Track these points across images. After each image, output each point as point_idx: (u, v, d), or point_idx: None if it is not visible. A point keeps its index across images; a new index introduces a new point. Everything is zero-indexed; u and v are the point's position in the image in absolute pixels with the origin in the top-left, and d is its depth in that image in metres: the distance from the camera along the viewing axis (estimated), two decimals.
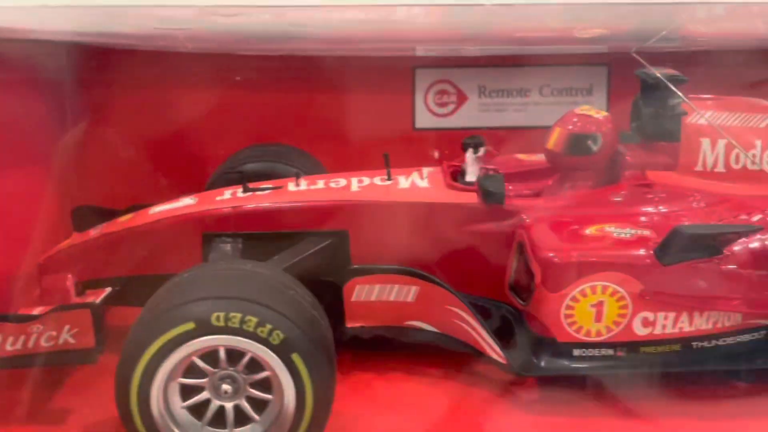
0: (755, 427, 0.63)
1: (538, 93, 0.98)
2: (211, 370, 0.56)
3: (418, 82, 0.97)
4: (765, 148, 0.70)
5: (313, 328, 0.56)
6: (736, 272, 0.63)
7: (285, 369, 0.55)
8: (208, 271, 0.58)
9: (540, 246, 0.63)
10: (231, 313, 0.54)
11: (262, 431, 0.57)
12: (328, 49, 0.91)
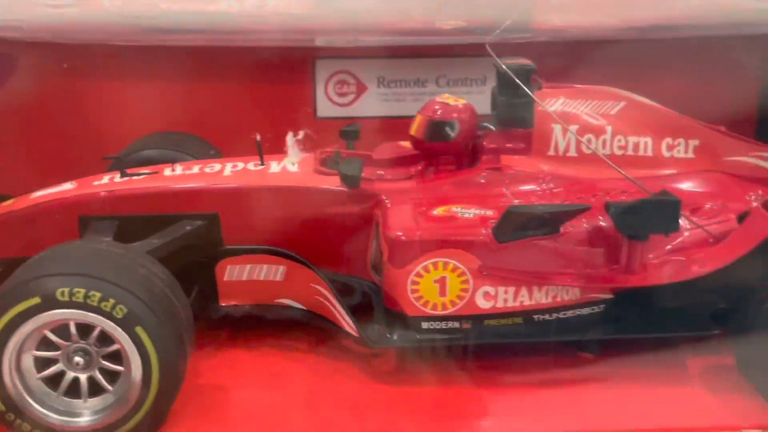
0: (595, 393, 0.68)
1: (435, 83, 1.02)
2: (63, 343, 0.60)
3: (318, 73, 1.00)
4: (615, 133, 0.74)
5: (161, 304, 0.60)
6: (572, 249, 0.67)
7: (130, 341, 0.59)
8: (61, 250, 0.61)
9: (388, 225, 0.67)
10: (75, 288, 0.57)
11: (114, 401, 0.61)
12: (228, 40, 0.95)
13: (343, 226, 0.72)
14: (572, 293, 0.68)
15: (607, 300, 0.68)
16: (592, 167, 0.73)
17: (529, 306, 0.68)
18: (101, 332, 0.59)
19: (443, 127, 0.73)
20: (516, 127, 0.73)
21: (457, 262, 0.66)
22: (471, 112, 0.74)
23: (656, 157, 0.74)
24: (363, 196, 0.71)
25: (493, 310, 0.67)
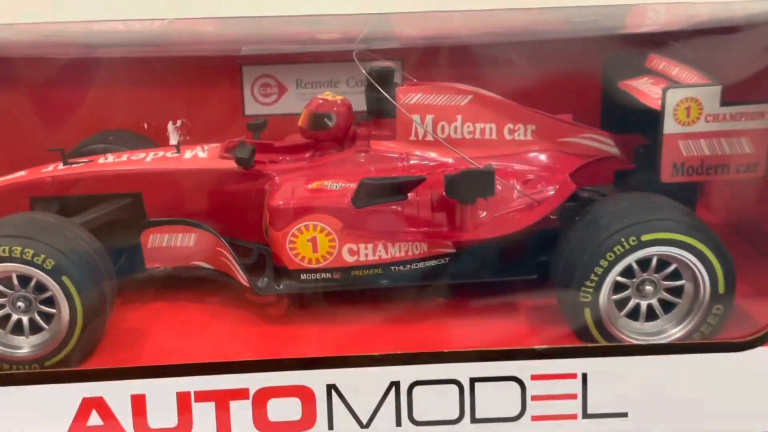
0: (446, 328, 0.84)
1: (346, 84, 1.19)
2: (9, 291, 0.76)
3: (245, 77, 1.17)
4: (466, 120, 0.91)
5: (84, 259, 0.77)
6: (418, 212, 0.83)
7: (59, 288, 0.76)
8: (3, 219, 0.78)
9: (271, 196, 0.84)
10: (14, 246, 0.74)
11: (49, 337, 0.77)
12: (170, 50, 1.11)
13: (241, 200, 0.89)
14: (421, 248, 0.84)
15: (451, 253, 0.85)
16: (445, 148, 0.89)
17: (387, 259, 0.84)
18: (37, 282, 0.76)
19: (322, 118, 0.90)
20: (382, 118, 0.90)
21: (324, 224, 0.83)
22: (347, 106, 0.91)
23: (499, 139, 0.90)
24: (256, 175, 0.88)
25: (356, 263, 0.84)
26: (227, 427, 0.74)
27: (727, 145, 0.86)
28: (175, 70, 1.11)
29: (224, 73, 1.14)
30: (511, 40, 0.99)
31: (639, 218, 0.78)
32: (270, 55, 1.17)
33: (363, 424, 0.75)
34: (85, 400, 0.73)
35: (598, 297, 0.79)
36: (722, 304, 0.79)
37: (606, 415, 0.76)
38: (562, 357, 0.76)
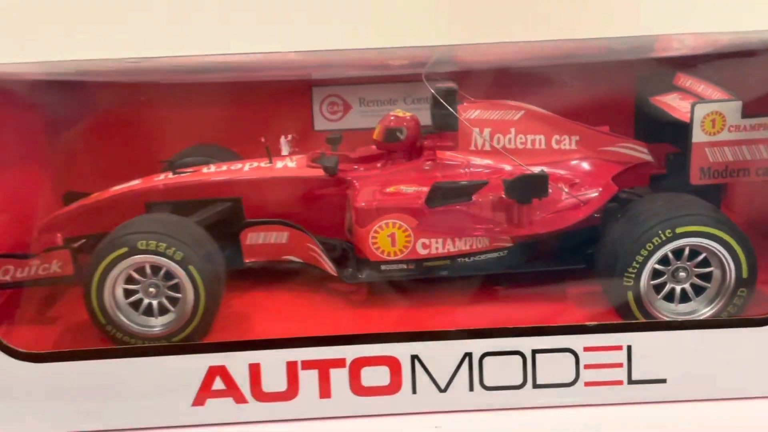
0: (508, 309, 0.98)
1: (403, 102, 1.33)
2: (142, 279, 0.91)
3: (315, 97, 1.31)
4: (519, 132, 1.04)
5: (204, 252, 0.92)
6: (479, 211, 0.97)
7: (186, 276, 0.90)
8: (136, 219, 0.93)
9: (355, 199, 0.98)
10: (150, 241, 0.88)
11: (176, 317, 0.92)
12: (251, 76, 1.26)
13: (326, 203, 1.03)
14: (483, 242, 0.98)
15: (509, 247, 0.99)
16: (501, 156, 1.03)
17: (454, 252, 0.98)
18: (166, 271, 0.90)
19: (395, 132, 1.04)
20: (446, 131, 1.04)
21: (402, 222, 0.96)
22: (415, 121, 1.05)
23: (548, 148, 1.04)
24: (339, 181, 1.02)
25: (428, 255, 0.98)
26: (328, 391, 0.88)
27: (748, 152, 0.99)
28: (255, 92, 1.25)
29: (297, 93, 1.29)
30: (555, 63, 1.12)
31: (673, 214, 0.92)
32: (336, 78, 1.32)
33: (441, 389, 0.88)
34: (210, 368, 0.87)
35: (639, 282, 0.92)
36: (746, 287, 0.92)
37: (647, 382, 0.89)
38: (609, 332, 0.89)
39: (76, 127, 1.20)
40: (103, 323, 0.91)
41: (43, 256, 0.97)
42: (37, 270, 0.97)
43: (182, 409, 0.87)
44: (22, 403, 0.86)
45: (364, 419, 0.88)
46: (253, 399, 0.87)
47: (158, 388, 0.87)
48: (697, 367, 0.88)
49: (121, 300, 0.91)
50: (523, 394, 0.88)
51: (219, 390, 0.87)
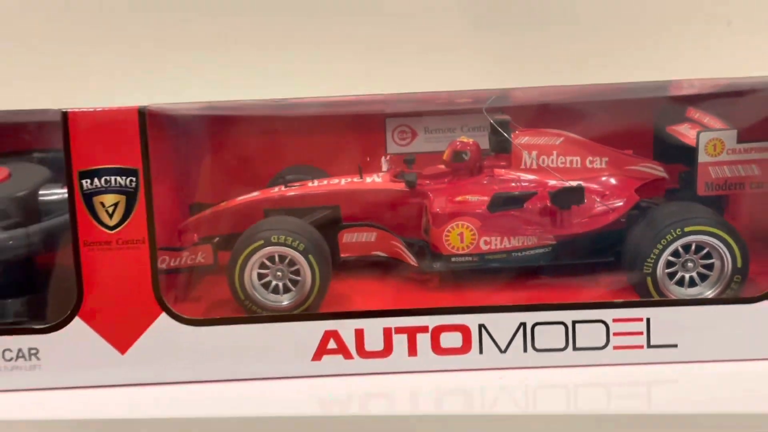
0: (552, 291, 1.23)
1: (460, 130, 1.59)
2: (272, 265, 1.18)
3: (387, 126, 1.58)
4: (560, 154, 1.30)
5: (318, 245, 1.19)
6: (528, 216, 1.23)
7: (306, 263, 1.17)
8: (266, 221, 1.20)
9: (431, 206, 1.25)
10: (280, 235, 1.16)
11: (297, 295, 1.18)
12: (341, 111, 1.53)
13: (406, 210, 1.30)
14: (532, 240, 1.24)
15: (552, 244, 1.24)
16: (545, 173, 1.29)
17: (509, 248, 1.24)
18: (290, 259, 1.17)
19: (461, 154, 1.30)
20: (501, 153, 1.30)
21: (469, 223, 1.23)
22: (477, 146, 1.31)
23: (582, 167, 1.29)
24: (418, 193, 1.29)
25: (489, 250, 1.24)
26: (414, 351, 1.13)
27: (743, 170, 1.24)
28: (341, 123, 1.53)
29: (374, 124, 1.57)
30: (588, 100, 1.38)
31: (683, 217, 1.16)
32: (406, 111, 1.60)
33: (502, 350, 1.13)
34: (326, 332, 1.14)
35: (656, 270, 1.17)
36: (740, 275, 1.16)
37: (662, 346, 1.13)
38: (632, 307, 1.13)
39: (198, 151, 1.49)
40: (242, 299, 1.18)
41: (191, 249, 1.25)
42: (186, 260, 1.25)
43: (304, 363, 1.13)
44: (185, 355, 1.12)
45: (443, 373, 1.13)
46: (357, 356, 1.13)
47: (286, 347, 1.13)
48: (702, 335, 1.12)
49: (255, 281, 1.18)
50: (564, 355, 1.13)
51: (332, 349, 1.13)
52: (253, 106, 1.28)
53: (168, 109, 1.15)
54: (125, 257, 1.10)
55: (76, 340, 1.11)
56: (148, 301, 1.11)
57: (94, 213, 1.09)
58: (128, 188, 1.09)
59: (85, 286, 1.10)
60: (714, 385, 1.07)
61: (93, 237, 1.09)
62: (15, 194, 1.24)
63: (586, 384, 1.10)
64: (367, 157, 1.44)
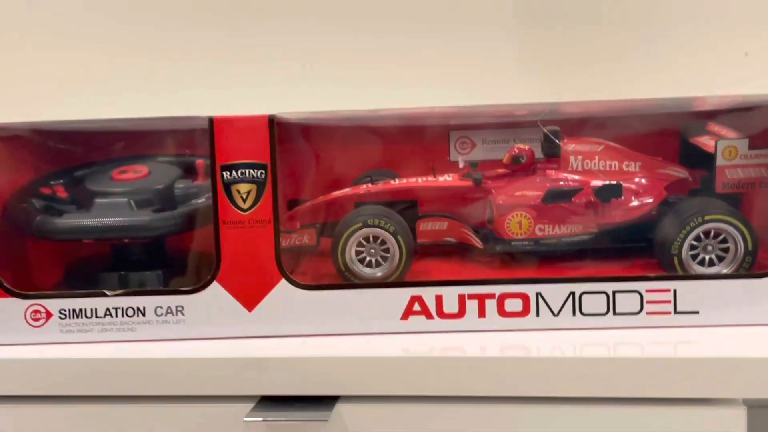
0: (596, 267, 1.48)
1: (513, 141, 1.86)
2: (366, 244, 1.45)
3: (451, 137, 1.86)
4: (601, 159, 1.56)
5: (404, 228, 1.46)
6: (575, 208, 1.49)
7: (395, 243, 1.44)
8: (365, 208, 1.48)
9: (496, 199, 1.52)
10: (375, 219, 1.43)
11: (387, 268, 1.45)
12: (412, 123, 1.81)
13: (473, 203, 1.57)
14: (578, 228, 1.50)
15: (594, 231, 1.50)
16: (589, 174, 1.56)
17: (560, 233, 1.50)
18: (381, 239, 1.45)
19: (519, 158, 1.57)
20: (552, 158, 1.57)
21: (526, 213, 1.49)
22: (532, 151, 1.58)
23: (620, 170, 1.55)
24: (483, 189, 1.56)
25: (543, 236, 1.50)
26: (483, 313, 1.39)
27: (753, 172, 1.49)
28: (412, 134, 1.81)
29: (439, 136, 1.84)
30: (626, 114, 1.65)
31: (703, 207, 1.41)
32: (467, 124, 1.88)
33: (554, 314, 1.39)
34: (412, 297, 1.40)
35: (681, 251, 1.42)
36: (751, 256, 1.41)
37: (686, 312, 1.38)
38: (662, 280, 1.38)
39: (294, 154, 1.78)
40: (343, 270, 1.46)
41: (299, 232, 1.54)
42: (294, 241, 1.53)
43: (394, 322, 1.40)
44: (299, 314, 1.39)
45: (507, 332, 1.39)
46: (437, 317, 1.40)
47: (379, 309, 1.40)
48: (719, 304, 1.36)
49: (353, 257, 1.46)
50: (607, 319, 1.38)
51: (416, 311, 1.40)
52: (346, 117, 1.56)
53: (284, 118, 1.44)
54: (254, 234, 1.38)
55: (214, 300, 1.39)
56: (271, 269, 1.39)
57: (231, 198, 1.38)
58: (258, 179, 1.37)
59: (223, 257, 1.38)
60: (727, 343, 1.32)
61: (230, 217, 1.38)
62: (155, 186, 1.53)
63: (624, 342, 1.35)
64: (432, 165, 1.71)
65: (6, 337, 1.40)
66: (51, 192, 1.55)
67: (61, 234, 1.44)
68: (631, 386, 1.26)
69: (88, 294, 1.41)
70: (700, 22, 1.93)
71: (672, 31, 1.95)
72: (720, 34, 1.98)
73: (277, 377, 1.32)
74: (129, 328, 1.40)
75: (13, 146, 1.49)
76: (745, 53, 1.93)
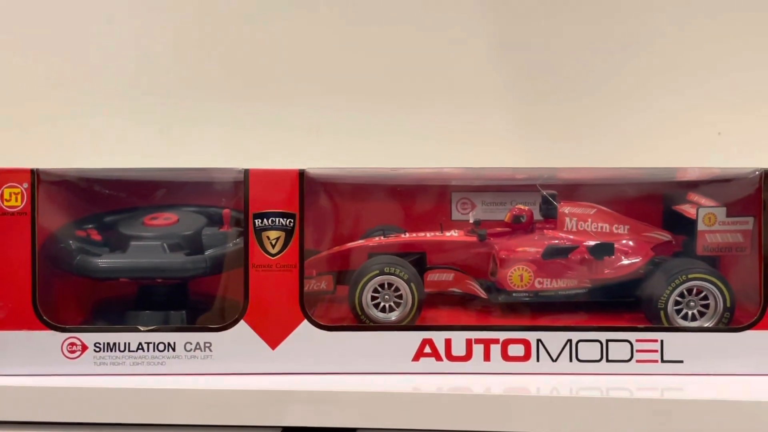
0: (589, 319, 1.62)
1: (510, 204, 2.02)
2: (382, 290, 1.58)
3: (453, 198, 2.01)
4: (593, 221, 1.72)
5: (416, 277, 1.59)
6: (571, 264, 1.64)
7: (408, 289, 1.57)
8: (380, 257, 1.61)
9: (498, 254, 1.66)
10: (390, 267, 1.57)
11: (401, 314, 1.58)
12: (418, 183, 1.96)
13: (477, 257, 1.71)
14: (573, 282, 1.64)
15: (588, 286, 1.65)
16: (583, 234, 1.71)
17: (557, 287, 1.64)
18: (395, 286, 1.57)
19: (519, 217, 1.72)
20: (549, 219, 1.72)
21: (527, 267, 1.64)
22: (531, 211, 1.73)
23: (610, 232, 1.71)
24: (487, 244, 1.70)
25: (542, 288, 1.64)
26: (489, 357, 1.52)
27: (731, 237, 1.66)
28: (416, 193, 1.95)
29: (441, 196, 1.99)
30: (616, 182, 1.81)
31: (686, 267, 1.57)
32: (466, 185, 2.03)
33: (553, 359, 1.52)
34: (423, 339, 1.52)
35: (667, 307, 1.57)
36: (729, 312, 1.56)
37: (672, 361, 1.51)
38: (651, 332, 1.52)
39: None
40: (360, 315, 1.58)
41: (317, 278, 1.66)
42: (313, 286, 1.66)
43: (406, 363, 1.51)
44: (320, 352, 1.50)
45: (509, 375, 1.51)
46: (446, 359, 1.51)
47: (393, 350, 1.51)
48: (701, 354, 1.50)
49: (369, 302, 1.58)
50: (600, 365, 1.51)
51: (427, 353, 1.52)
52: (368, 175, 1.71)
53: (311, 173, 1.58)
54: (281, 277, 1.50)
55: (240, 338, 1.50)
56: (295, 310, 1.51)
57: (261, 244, 1.50)
58: (287, 227, 1.51)
59: (251, 297, 1.50)
60: (708, 388, 1.46)
61: (259, 261, 1.50)
62: (184, 232, 1.65)
63: (616, 387, 1.48)
64: (439, 222, 1.86)
65: (43, 367, 1.49)
66: (86, 234, 1.66)
67: (101, 273, 1.55)
68: (621, 425, 1.39)
69: (122, 329, 1.51)
70: (680, 100, 2.15)
71: (653, 107, 2.16)
72: (694, 114, 2.19)
73: (297, 410, 1.42)
74: (159, 362, 1.50)
75: (59, 189, 1.61)
76: (718, 132, 2.14)
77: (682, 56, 2.18)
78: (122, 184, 1.70)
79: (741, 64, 2.13)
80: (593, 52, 2.22)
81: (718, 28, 2.15)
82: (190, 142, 2.16)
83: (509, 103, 2.24)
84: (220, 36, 2.24)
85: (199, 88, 2.22)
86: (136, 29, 2.21)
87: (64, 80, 2.22)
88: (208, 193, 1.69)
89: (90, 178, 1.66)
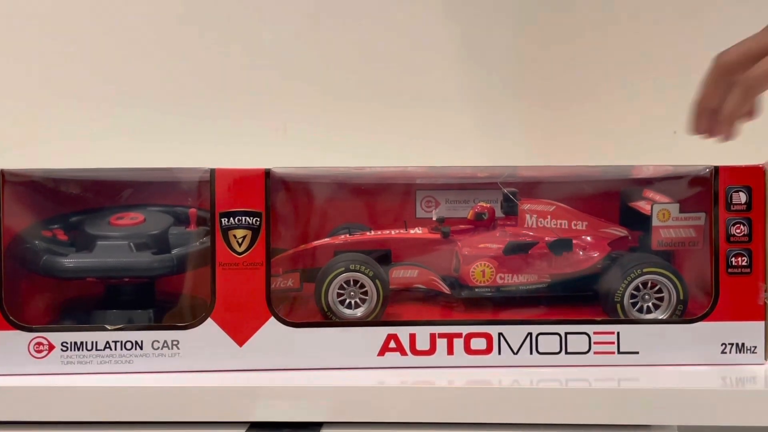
0: (549, 312, 1.67)
1: (473, 201, 2.06)
2: (348, 287, 1.61)
3: (417, 196, 2.05)
4: (552, 218, 1.77)
5: (381, 274, 1.62)
6: (531, 260, 1.69)
7: (374, 286, 1.60)
8: (346, 255, 1.64)
9: (461, 250, 1.70)
10: (356, 265, 1.60)
11: (366, 310, 1.61)
12: (383, 182, 1.99)
13: (439, 253, 1.75)
14: (534, 277, 1.69)
15: (548, 281, 1.70)
16: (542, 230, 1.76)
17: (518, 282, 1.69)
18: (361, 283, 1.61)
19: (481, 214, 1.77)
20: (510, 215, 1.77)
21: (489, 263, 1.68)
22: (493, 209, 1.78)
23: (569, 228, 1.76)
24: (450, 241, 1.74)
25: (504, 283, 1.68)
26: (452, 351, 1.56)
27: (684, 232, 1.72)
28: (380, 192, 1.98)
29: (406, 194, 2.03)
30: (574, 180, 1.86)
31: (641, 261, 1.62)
32: (431, 184, 2.07)
33: (514, 352, 1.56)
34: (388, 335, 1.56)
35: (623, 300, 1.62)
36: (682, 304, 1.62)
37: (628, 352, 1.57)
38: (607, 324, 1.58)
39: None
40: (326, 311, 1.61)
41: (283, 276, 1.68)
42: (279, 284, 1.68)
43: (372, 358, 1.54)
44: (286, 349, 1.53)
45: (471, 369, 1.55)
46: (411, 354, 1.55)
47: (358, 346, 1.55)
48: (656, 345, 1.56)
49: (335, 298, 1.61)
50: (559, 358, 1.55)
51: (392, 348, 1.55)
52: (333, 174, 1.74)
53: (277, 173, 1.60)
54: (248, 275, 1.53)
55: (207, 335, 1.52)
56: (261, 308, 1.53)
57: (228, 242, 1.53)
58: (253, 226, 1.53)
59: (218, 295, 1.52)
60: (663, 378, 1.51)
61: (226, 259, 1.52)
62: (151, 232, 1.67)
63: (574, 378, 1.53)
64: (404, 219, 1.89)
65: (10, 367, 1.50)
66: (52, 235, 1.67)
67: (68, 273, 1.56)
68: (580, 414, 1.44)
69: (89, 328, 1.52)
70: (636, 99, 2.21)
71: (612, 106, 2.22)
72: (651, 113, 2.26)
73: (265, 405, 1.45)
74: (127, 361, 1.51)
75: (25, 190, 1.61)
76: (673, 131, 2.20)
77: (638, 56, 2.25)
78: (89, 185, 1.71)
79: (697, 65, 2.20)
80: (555, 53, 2.28)
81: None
82: (156, 141, 2.17)
83: (474, 104, 2.29)
84: (183, 35, 2.26)
85: (164, 88, 2.24)
86: (92, 27, 2.22)
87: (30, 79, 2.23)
88: (175, 193, 1.71)
89: (56, 179, 1.67)
